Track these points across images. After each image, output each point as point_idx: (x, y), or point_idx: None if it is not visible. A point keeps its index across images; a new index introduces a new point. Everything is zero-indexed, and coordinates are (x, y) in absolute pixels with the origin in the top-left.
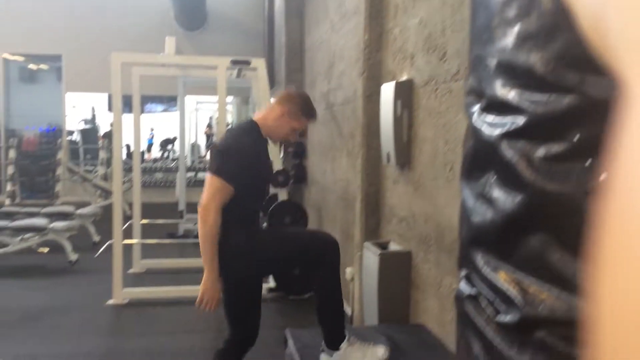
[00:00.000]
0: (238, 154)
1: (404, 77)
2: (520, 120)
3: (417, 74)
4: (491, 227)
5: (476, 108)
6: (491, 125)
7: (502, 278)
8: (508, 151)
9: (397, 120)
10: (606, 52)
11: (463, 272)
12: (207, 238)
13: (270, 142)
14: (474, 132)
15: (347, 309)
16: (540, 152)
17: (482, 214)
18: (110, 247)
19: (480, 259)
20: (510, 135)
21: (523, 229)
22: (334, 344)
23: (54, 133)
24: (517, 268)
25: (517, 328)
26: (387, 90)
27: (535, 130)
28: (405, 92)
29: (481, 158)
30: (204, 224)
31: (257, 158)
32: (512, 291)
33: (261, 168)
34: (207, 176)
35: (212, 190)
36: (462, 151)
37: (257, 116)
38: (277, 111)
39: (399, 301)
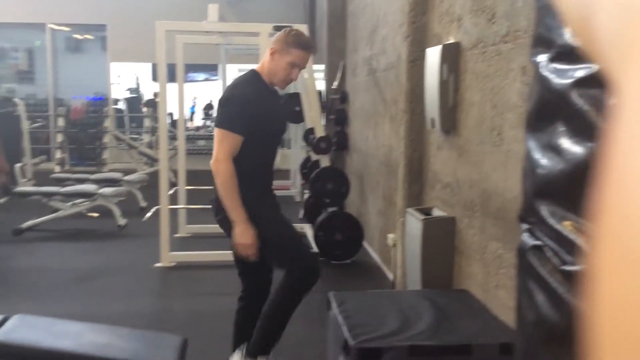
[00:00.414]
0: (239, 102)
1: (450, 40)
2: (592, 68)
3: (465, 36)
4: (560, 177)
5: (544, 57)
6: (561, 75)
7: (569, 228)
8: (579, 100)
9: (443, 84)
10: (594, 48)
11: (526, 225)
12: (225, 187)
13: (279, 92)
14: (540, 82)
15: (389, 275)
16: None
17: (549, 165)
18: (156, 212)
19: (545, 210)
20: (582, 83)
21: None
22: (255, 353)
23: (101, 102)
24: (586, 217)
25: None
26: (433, 54)
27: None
28: (451, 56)
29: (549, 108)
30: (218, 175)
31: (261, 106)
32: (578, 240)
33: (267, 117)
34: (215, 131)
35: (218, 142)
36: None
37: (257, 67)
38: (268, 54)
39: (442, 267)
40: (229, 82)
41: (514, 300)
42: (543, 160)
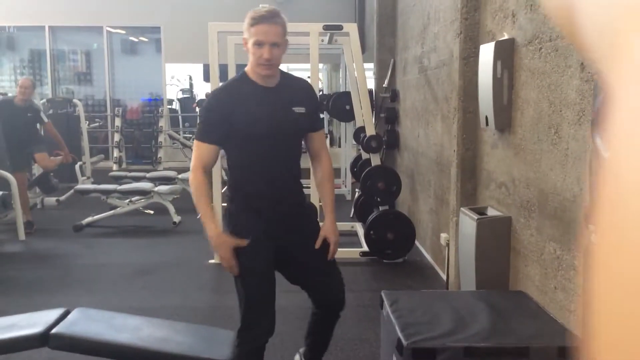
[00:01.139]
0: (208, 110)
1: (505, 37)
2: None
3: (519, 32)
4: None
5: None
6: None
7: None
8: None
9: (497, 82)
10: (580, 42)
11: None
12: (195, 198)
13: (274, 88)
14: None
15: (442, 275)
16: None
17: None
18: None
19: None
20: None
21: None
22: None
23: (156, 102)
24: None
25: None
26: (486, 51)
27: None
28: (505, 52)
29: None
30: (190, 186)
31: (238, 109)
32: None
33: (247, 121)
34: None
35: (193, 153)
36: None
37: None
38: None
39: (497, 267)
40: None
41: (574, 303)
42: None
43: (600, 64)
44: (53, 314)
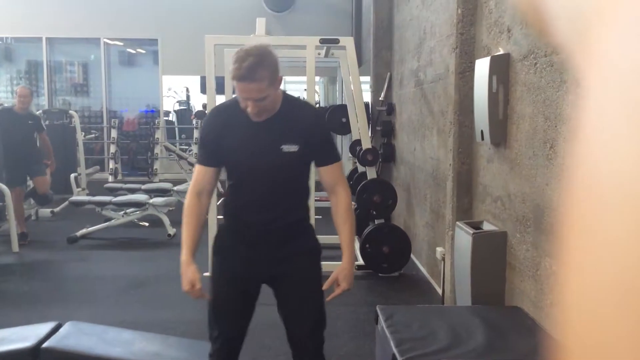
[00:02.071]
0: (201, 133)
1: (500, 52)
2: None
3: (515, 47)
4: None
5: None
6: None
7: None
8: None
9: (492, 96)
10: (550, 30)
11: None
12: (183, 219)
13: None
14: None
15: (438, 289)
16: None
17: None
18: (205, 222)
19: None
20: None
21: None
22: None
23: (152, 114)
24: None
25: None
26: (482, 66)
27: None
28: (501, 67)
29: None
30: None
31: (226, 137)
32: None
33: (234, 149)
34: None
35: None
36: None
37: None
38: None
39: (493, 282)
40: None
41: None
42: None
43: (569, 53)
44: (44, 327)
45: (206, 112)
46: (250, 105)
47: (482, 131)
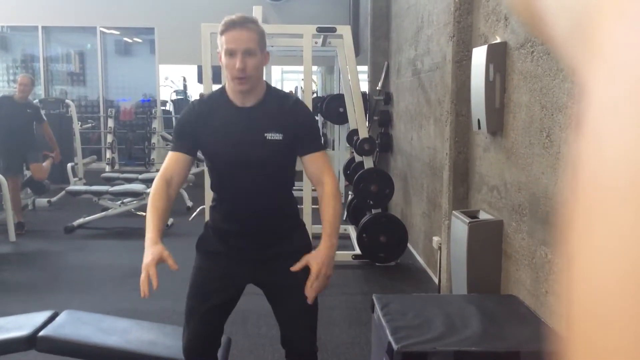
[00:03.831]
0: (179, 121)
1: (497, 40)
2: None
3: (512, 36)
4: None
5: None
6: None
7: None
8: None
9: (489, 85)
10: (550, 36)
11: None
12: (149, 202)
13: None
14: None
15: (434, 278)
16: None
17: None
18: (202, 212)
19: None
20: None
21: None
22: None
23: (149, 103)
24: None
25: None
26: (479, 54)
27: None
28: (498, 56)
29: None
30: None
31: (202, 123)
32: None
33: (214, 140)
34: None
35: None
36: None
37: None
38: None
39: (489, 271)
40: (273, 83)
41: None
42: None
43: (571, 58)
44: (41, 316)
45: None
46: (239, 60)
47: (478, 120)
